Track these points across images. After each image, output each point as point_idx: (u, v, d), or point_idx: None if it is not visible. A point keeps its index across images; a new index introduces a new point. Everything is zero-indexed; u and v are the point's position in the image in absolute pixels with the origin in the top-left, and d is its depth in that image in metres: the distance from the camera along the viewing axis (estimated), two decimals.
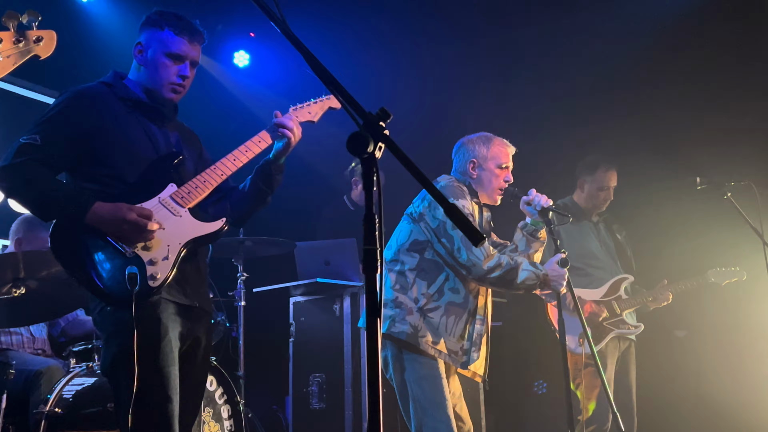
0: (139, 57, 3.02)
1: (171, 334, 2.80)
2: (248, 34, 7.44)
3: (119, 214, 2.71)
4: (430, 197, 3.75)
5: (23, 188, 2.77)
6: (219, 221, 2.92)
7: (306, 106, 3.19)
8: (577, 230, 4.96)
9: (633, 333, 4.91)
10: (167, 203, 2.85)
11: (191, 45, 3.01)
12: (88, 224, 2.71)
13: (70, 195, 2.78)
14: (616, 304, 4.87)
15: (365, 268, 1.82)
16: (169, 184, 2.89)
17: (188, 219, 2.87)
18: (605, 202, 5.11)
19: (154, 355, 2.73)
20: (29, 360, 4.40)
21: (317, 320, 5.51)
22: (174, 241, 2.82)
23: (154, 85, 3.00)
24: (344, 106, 1.90)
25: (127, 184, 2.86)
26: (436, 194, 1.92)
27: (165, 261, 2.78)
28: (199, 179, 2.92)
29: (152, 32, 3.00)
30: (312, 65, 1.90)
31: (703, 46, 6.04)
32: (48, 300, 4.01)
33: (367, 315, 1.80)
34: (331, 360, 5.31)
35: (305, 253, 5.56)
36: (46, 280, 3.94)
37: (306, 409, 5.40)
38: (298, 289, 5.57)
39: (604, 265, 4.99)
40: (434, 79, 7.10)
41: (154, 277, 2.74)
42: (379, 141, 1.84)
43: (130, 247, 2.74)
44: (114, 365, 2.77)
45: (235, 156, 2.98)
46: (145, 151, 2.93)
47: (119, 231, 2.72)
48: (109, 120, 2.90)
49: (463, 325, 3.71)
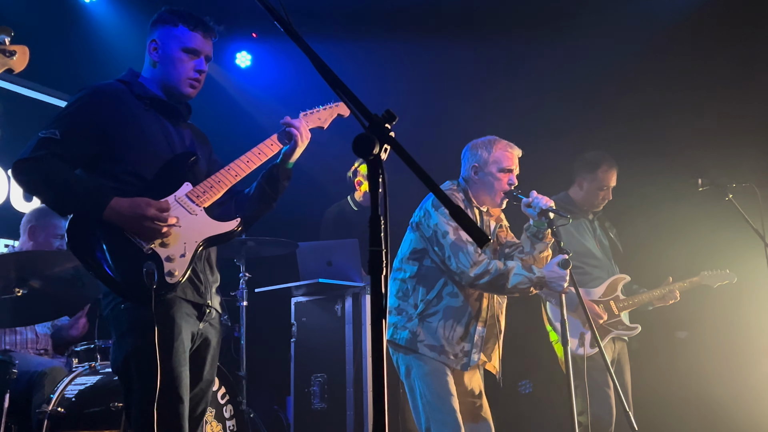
0: (155, 54, 3.02)
1: (184, 333, 2.80)
2: (250, 35, 7.45)
3: (138, 210, 2.71)
4: (426, 206, 3.86)
5: (42, 182, 2.77)
6: (234, 221, 2.94)
7: (316, 112, 3.21)
8: (574, 228, 4.90)
9: (630, 334, 4.91)
10: (183, 202, 2.86)
11: (205, 40, 3.04)
12: (105, 219, 2.71)
13: (89, 190, 2.77)
14: (614, 304, 4.86)
15: (371, 270, 1.82)
16: (185, 183, 2.90)
17: (204, 218, 2.88)
18: (603, 202, 5.04)
19: (167, 355, 2.71)
20: (32, 360, 4.40)
21: (319, 321, 5.51)
22: (191, 239, 2.82)
23: (172, 81, 3.00)
24: (349, 107, 1.90)
25: (144, 181, 2.86)
26: (442, 196, 1.93)
27: (182, 258, 2.79)
28: (214, 179, 2.93)
29: (166, 29, 3.01)
30: (318, 67, 1.90)
31: (705, 47, 6.04)
32: (51, 299, 4.01)
33: (372, 316, 1.81)
34: (333, 360, 5.31)
35: (307, 253, 5.56)
36: (49, 280, 3.95)
37: (307, 409, 5.41)
38: (299, 289, 5.57)
39: (601, 263, 4.96)
40: (434, 82, 7.11)
41: (171, 274, 2.74)
42: (384, 143, 1.84)
43: (148, 243, 2.74)
44: (126, 363, 2.75)
45: (248, 158, 3.00)
46: (162, 149, 2.94)
47: (138, 226, 2.72)
48: (127, 117, 2.91)
49: (464, 328, 3.78)
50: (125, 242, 2.73)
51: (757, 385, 5.53)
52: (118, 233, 2.73)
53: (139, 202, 2.74)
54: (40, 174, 2.75)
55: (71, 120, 2.84)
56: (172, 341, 2.74)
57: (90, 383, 4.07)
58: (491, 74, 6.79)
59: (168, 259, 2.76)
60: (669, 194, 5.79)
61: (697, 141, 5.83)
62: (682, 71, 6.18)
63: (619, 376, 4.85)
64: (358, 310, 5.29)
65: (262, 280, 5.70)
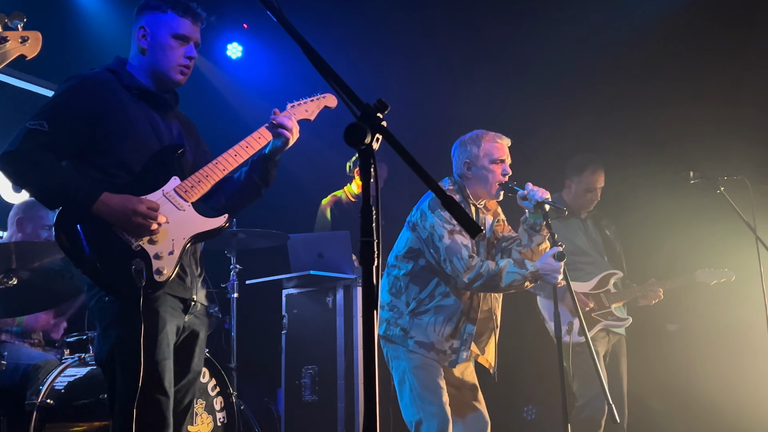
0: (143, 41, 2.97)
1: (168, 327, 2.77)
2: (241, 26, 7.41)
3: (129, 206, 2.68)
4: (423, 207, 3.88)
5: (30, 174, 2.73)
6: (221, 218, 2.91)
7: (303, 104, 3.18)
8: (564, 227, 4.97)
9: (621, 326, 4.93)
10: (171, 197, 2.83)
11: (194, 26, 3.01)
12: (94, 213, 2.67)
13: (79, 184, 2.72)
14: (605, 297, 4.90)
15: (362, 261, 1.82)
16: (173, 177, 2.86)
17: (192, 213, 2.86)
18: (592, 203, 5.13)
19: (152, 348, 2.69)
20: (24, 353, 4.38)
21: (310, 313, 5.50)
22: (179, 236, 2.80)
23: (162, 68, 2.96)
24: (341, 96, 1.89)
25: (131, 174, 2.82)
26: (435, 187, 1.92)
27: (170, 256, 2.76)
28: (202, 173, 2.90)
29: (155, 15, 2.96)
30: (309, 56, 1.89)
31: (696, 39, 6.03)
32: (41, 290, 4.00)
33: (364, 307, 1.80)
34: (324, 352, 5.32)
35: (298, 245, 5.54)
36: (38, 271, 3.94)
37: (298, 401, 5.41)
38: (291, 281, 5.57)
39: (593, 260, 5.03)
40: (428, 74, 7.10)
41: (160, 272, 2.72)
42: (376, 132, 1.83)
43: (136, 240, 2.71)
44: (110, 356, 2.73)
45: (236, 151, 2.96)
46: (150, 141, 2.90)
47: (127, 223, 2.69)
48: (115, 108, 2.86)
49: (455, 326, 3.81)
50: (113, 238, 2.69)
51: (747, 378, 5.55)
52: (107, 229, 2.69)
53: (130, 198, 2.71)
54: (28, 166, 2.70)
55: (59, 111, 2.79)
56: (156, 335, 2.72)
57: (80, 375, 4.07)
58: (484, 69, 6.76)
59: (156, 257, 2.73)
60: (659, 187, 5.79)
61: (688, 133, 5.83)
62: (672, 63, 6.18)
63: (614, 369, 4.88)
64: (350, 302, 5.29)
65: (253, 272, 5.69)
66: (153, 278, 2.70)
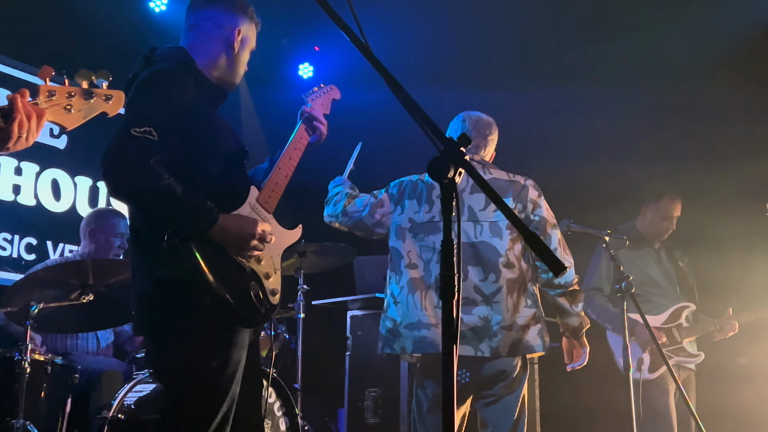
0: (238, 43, 2.82)
1: (243, 352, 2.59)
2: (312, 48, 7.51)
3: (248, 230, 2.52)
4: None
5: (147, 196, 2.43)
6: (298, 228, 2.82)
7: (318, 98, 3.11)
8: (638, 256, 4.90)
9: (692, 362, 4.81)
10: (258, 210, 2.67)
11: None
12: (209, 237, 2.46)
13: (197, 205, 2.47)
14: (677, 331, 4.78)
15: (442, 295, 1.81)
16: (251, 187, 2.70)
17: (276, 226, 2.74)
18: (667, 231, 5.04)
19: (230, 379, 2.52)
20: (90, 361, 4.47)
21: (374, 335, 5.48)
22: (275, 253, 2.70)
23: (237, 73, 2.86)
24: (425, 131, 1.88)
25: (212, 182, 2.58)
26: (514, 219, 1.90)
27: (276, 274, 2.66)
28: (272, 182, 2.77)
29: (250, 25, 2.89)
30: (394, 90, 1.89)
31: None
32: (116, 306, 4.07)
33: (443, 340, 1.79)
34: (387, 376, 5.29)
35: (364, 266, 5.56)
36: (114, 287, 4.02)
37: (360, 424, 5.39)
38: (356, 303, 5.58)
39: (665, 292, 4.92)
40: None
41: (274, 293, 2.60)
42: (459, 167, 1.83)
43: (248, 261, 2.57)
44: (183, 377, 2.53)
45: (289, 155, 2.88)
46: (225, 145, 2.70)
47: (244, 245, 2.53)
48: (197, 110, 2.61)
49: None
50: (229, 261, 2.51)
51: None
52: (222, 252, 2.50)
53: (246, 219, 2.56)
54: (145, 187, 2.40)
55: (162, 115, 2.48)
56: (237, 366, 2.53)
57: (149, 390, 4.12)
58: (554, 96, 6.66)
59: (266, 276, 2.61)
60: (733, 218, 5.65)
61: (765, 163, 5.68)
62: (753, 93, 6.02)
63: (682, 406, 4.74)
64: None
65: (320, 293, 5.71)
66: (269, 300, 2.57)
